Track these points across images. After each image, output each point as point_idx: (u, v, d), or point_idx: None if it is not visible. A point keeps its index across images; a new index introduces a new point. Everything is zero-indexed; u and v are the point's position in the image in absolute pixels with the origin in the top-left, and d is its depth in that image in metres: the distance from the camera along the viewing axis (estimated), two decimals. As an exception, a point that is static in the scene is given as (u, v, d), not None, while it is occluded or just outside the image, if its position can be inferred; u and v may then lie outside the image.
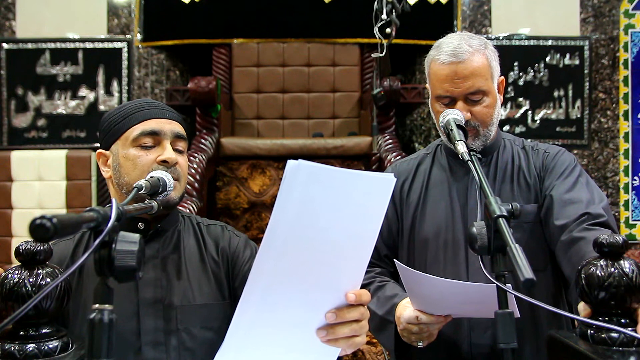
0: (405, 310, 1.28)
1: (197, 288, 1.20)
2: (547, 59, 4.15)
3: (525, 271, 0.81)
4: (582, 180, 1.39)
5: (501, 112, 4.09)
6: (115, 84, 4.08)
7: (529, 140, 1.54)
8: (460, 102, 1.37)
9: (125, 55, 4.08)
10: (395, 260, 1.26)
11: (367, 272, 1.49)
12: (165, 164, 1.18)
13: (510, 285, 0.91)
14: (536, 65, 4.14)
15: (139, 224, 1.21)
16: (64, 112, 4.06)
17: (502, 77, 1.44)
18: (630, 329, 0.92)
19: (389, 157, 3.37)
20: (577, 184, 1.38)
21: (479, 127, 1.39)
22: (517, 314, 1.13)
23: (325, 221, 0.85)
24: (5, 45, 4.04)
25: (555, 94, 4.16)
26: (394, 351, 1.39)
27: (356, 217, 0.86)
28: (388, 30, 3.46)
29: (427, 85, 1.47)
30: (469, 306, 1.23)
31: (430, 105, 1.46)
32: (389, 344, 1.38)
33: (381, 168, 3.53)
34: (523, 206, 1.37)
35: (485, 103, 1.38)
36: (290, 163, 0.78)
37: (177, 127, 1.24)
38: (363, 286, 1.46)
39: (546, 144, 1.52)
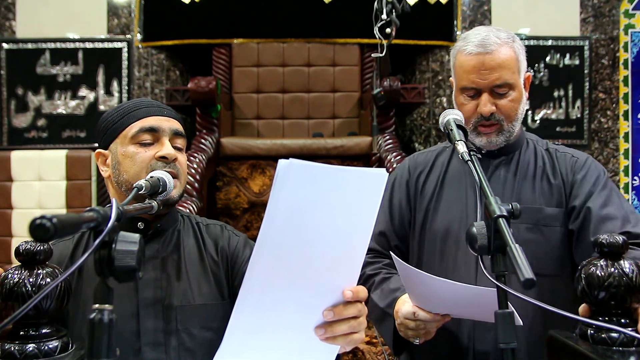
0: (404, 305, 1.27)
1: (196, 288, 1.20)
2: (547, 59, 4.15)
3: (526, 271, 0.80)
4: (614, 194, 1.38)
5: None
6: (115, 84, 4.08)
7: (552, 142, 1.52)
8: (485, 95, 1.35)
9: (125, 55, 4.08)
10: (391, 254, 1.25)
11: (375, 263, 1.48)
12: (164, 159, 1.18)
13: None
14: (536, 65, 4.14)
15: (139, 223, 1.21)
16: (64, 112, 4.06)
17: (529, 73, 1.42)
18: (630, 329, 0.92)
19: (389, 157, 3.37)
20: (611, 198, 1.36)
21: (503, 121, 1.37)
22: (519, 322, 1.12)
23: (318, 219, 0.84)
24: (5, 45, 4.04)
25: (555, 94, 4.16)
26: (392, 345, 1.38)
27: (350, 213, 0.86)
28: (388, 30, 3.46)
29: (451, 79, 1.45)
30: (468, 308, 1.22)
31: (454, 98, 1.43)
32: (387, 337, 1.38)
33: (381, 168, 3.52)
34: (543, 208, 1.36)
35: (511, 97, 1.36)
36: (282, 162, 0.78)
37: (176, 125, 1.24)
38: (370, 276, 1.47)
39: (570, 148, 1.49)
